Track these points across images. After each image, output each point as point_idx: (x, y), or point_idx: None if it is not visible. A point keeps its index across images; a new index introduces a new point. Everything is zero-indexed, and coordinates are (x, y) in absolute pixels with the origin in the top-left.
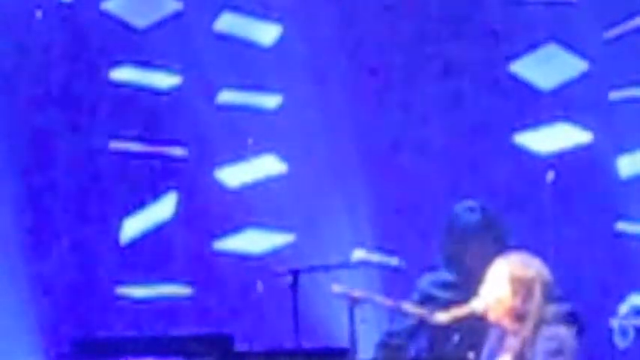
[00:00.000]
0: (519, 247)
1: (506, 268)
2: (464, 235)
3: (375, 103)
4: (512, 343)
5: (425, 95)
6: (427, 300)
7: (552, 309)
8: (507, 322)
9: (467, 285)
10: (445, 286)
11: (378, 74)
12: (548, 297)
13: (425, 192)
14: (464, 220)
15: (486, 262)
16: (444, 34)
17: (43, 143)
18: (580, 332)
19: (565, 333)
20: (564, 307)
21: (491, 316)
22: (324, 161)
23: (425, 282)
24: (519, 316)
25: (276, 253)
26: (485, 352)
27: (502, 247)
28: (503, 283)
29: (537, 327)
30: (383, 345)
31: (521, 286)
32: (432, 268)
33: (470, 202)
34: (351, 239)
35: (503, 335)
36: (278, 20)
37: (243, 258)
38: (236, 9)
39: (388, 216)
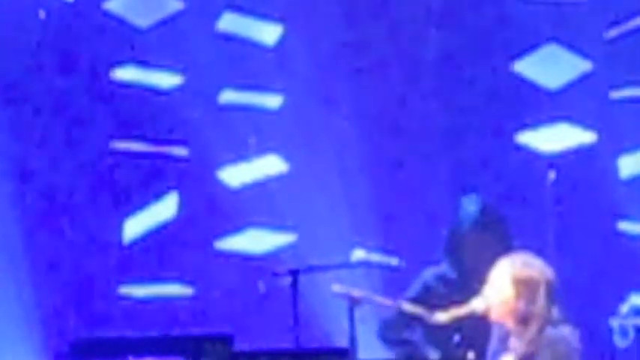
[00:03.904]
0: (520, 246)
1: (509, 269)
2: (461, 226)
3: (377, 103)
4: (516, 344)
5: (426, 95)
6: (426, 291)
7: (557, 310)
8: (511, 324)
9: (465, 280)
10: (445, 280)
11: (379, 74)
12: (553, 298)
13: (426, 192)
14: (463, 211)
15: (484, 256)
16: (445, 33)
17: (45, 142)
18: None
19: (570, 334)
20: None
21: (494, 316)
22: (325, 161)
23: (428, 274)
24: (523, 319)
25: (277, 253)
26: (489, 352)
27: (501, 242)
28: (506, 285)
29: (542, 329)
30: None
31: (525, 288)
32: (435, 264)
33: (473, 195)
34: (351, 239)
35: (506, 335)
36: (279, 20)
37: (244, 258)
38: (237, 9)
39: (388, 216)
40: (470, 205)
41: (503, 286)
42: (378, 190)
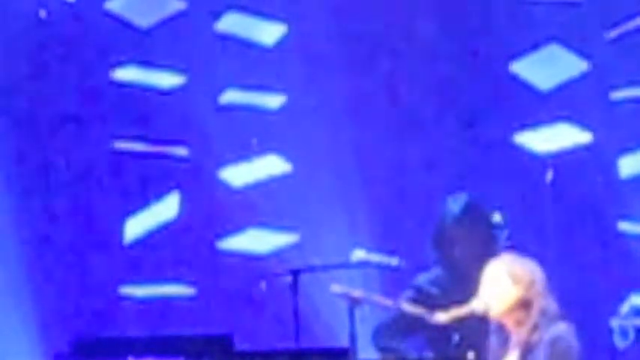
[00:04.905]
0: (520, 246)
1: (503, 266)
2: (446, 224)
3: (377, 104)
4: (519, 337)
5: (425, 95)
6: (420, 295)
7: (554, 304)
8: (514, 315)
9: (457, 279)
10: (437, 282)
11: (378, 74)
12: (547, 291)
13: (425, 192)
14: (447, 209)
15: (471, 253)
16: (445, 33)
17: (46, 142)
18: None
19: (568, 331)
20: None
21: (495, 313)
22: (326, 161)
23: (421, 279)
24: (524, 303)
25: (278, 253)
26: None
27: (491, 240)
28: (503, 277)
29: (543, 312)
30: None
31: (522, 277)
32: (428, 267)
33: (458, 194)
34: (351, 239)
35: (506, 337)
36: (281, 20)
37: (246, 258)
38: (239, 9)
39: (388, 216)
40: (454, 204)
41: (499, 279)
42: (379, 190)
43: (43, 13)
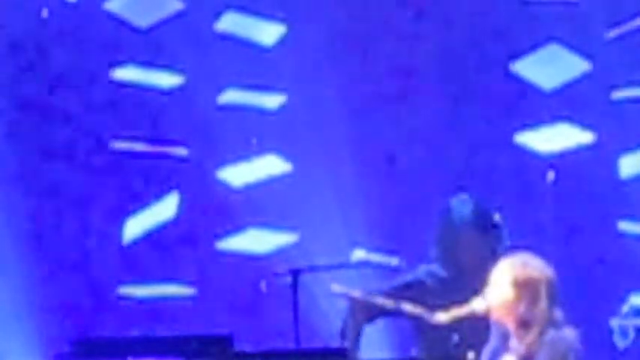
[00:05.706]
0: (519, 246)
1: (510, 270)
2: (455, 227)
3: (377, 103)
4: (517, 346)
5: (425, 95)
6: (416, 284)
7: (559, 312)
8: (511, 326)
9: (457, 280)
10: (437, 277)
11: (378, 74)
12: (555, 298)
13: (425, 192)
14: (456, 212)
15: (478, 256)
16: (445, 33)
17: (45, 142)
18: None
19: (571, 336)
20: None
21: (495, 317)
22: (326, 161)
23: (421, 270)
24: (524, 322)
25: (279, 253)
26: (488, 349)
27: (495, 242)
28: (507, 287)
29: (543, 331)
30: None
31: (526, 290)
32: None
33: (463, 195)
34: (351, 239)
35: (507, 334)
36: (280, 20)
37: (246, 258)
38: (238, 9)
39: (388, 216)
40: (462, 206)
41: (503, 288)
42: (379, 190)
43: (45, 13)
